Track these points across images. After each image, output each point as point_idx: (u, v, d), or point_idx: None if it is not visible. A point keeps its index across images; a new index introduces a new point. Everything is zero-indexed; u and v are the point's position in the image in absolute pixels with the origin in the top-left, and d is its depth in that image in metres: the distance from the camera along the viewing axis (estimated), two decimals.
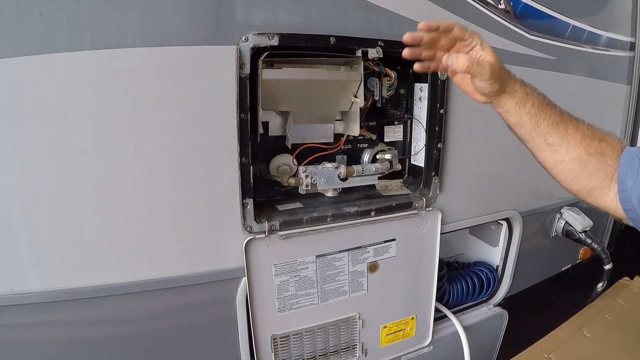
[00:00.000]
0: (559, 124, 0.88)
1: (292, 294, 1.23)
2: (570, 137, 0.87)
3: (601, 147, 0.85)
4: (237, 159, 1.06)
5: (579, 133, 0.87)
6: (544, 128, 0.89)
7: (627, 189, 0.79)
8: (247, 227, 1.12)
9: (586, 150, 0.85)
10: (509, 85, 0.91)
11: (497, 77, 0.89)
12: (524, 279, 1.86)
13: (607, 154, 0.84)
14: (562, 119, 0.89)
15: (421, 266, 1.42)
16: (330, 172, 1.21)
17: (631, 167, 0.79)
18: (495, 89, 0.91)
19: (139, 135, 0.98)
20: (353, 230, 1.26)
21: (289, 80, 1.11)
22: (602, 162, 0.84)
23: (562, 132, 0.88)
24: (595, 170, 0.85)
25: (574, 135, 0.87)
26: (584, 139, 0.86)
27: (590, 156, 0.85)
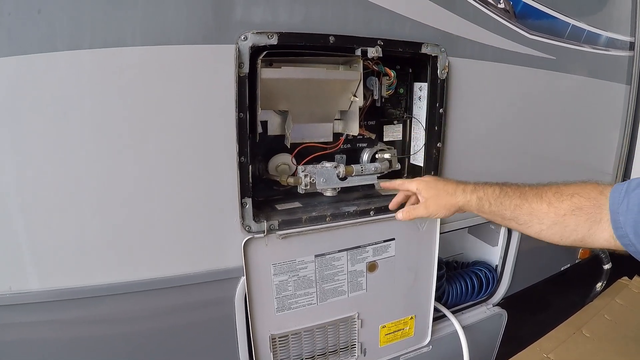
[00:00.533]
0: (521, 206, 0.96)
1: (290, 294, 1.22)
2: (537, 211, 0.94)
3: (573, 203, 0.89)
4: (236, 158, 1.06)
5: (544, 204, 0.93)
6: (509, 215, 0.99)
7: (621, 225, 0.81)
8: (246, 227, 1.12)
9: (557, 214, 0.90)
10: (459, 202, 1.07)
11: (435, 212, 1.09)
12: (523, 278, 1.85)
13: (582, 205, 0.88)
14: (523, 199, 0.97)
15: (420, 266, 1.42)
16: (329, 171, 1.21)
17: (621, 204, 0.81)
18: (442, 216, 1.11)
19: (139, 134, 0.98)
20: (352, 229, 1.26)
21: (288, 79, 1.11)
22: (580, 214, 0.88)
23: (528, 211, 0.95)
24: (576, 225, 0.88)
25: (539, 208, 0.93)
26: (550, 206, 0.92)
27: (565, 216, 0.89)
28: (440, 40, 1.27)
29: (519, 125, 1.60)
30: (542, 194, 0.94)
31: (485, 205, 1.03)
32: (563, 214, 0.89)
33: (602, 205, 0.85)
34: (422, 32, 1.24)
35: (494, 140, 1.52)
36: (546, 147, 1.72)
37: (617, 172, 2.10)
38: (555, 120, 1.72)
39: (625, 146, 2.08)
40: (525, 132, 1.62)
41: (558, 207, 0.90)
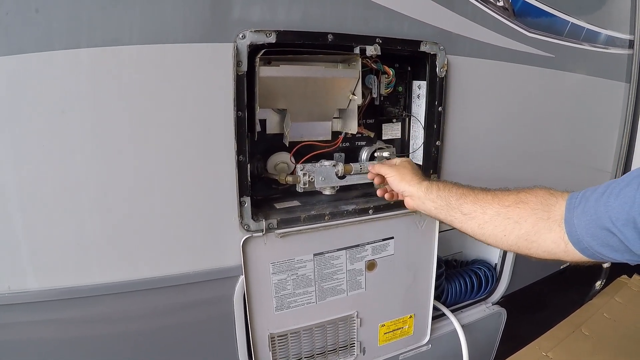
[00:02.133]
0: (467, 194, 1.01)
1: (289, 293, 1.22)
2: (481, 200, 0.97)
3: (519, 197, 0.90)
4: (234, 157, 1.06)
5: (489, 195, 0.97)
6: (454, 202, 1.02)
7: (577, 229, 0.80)
8: (245, 226, 1.11)
9: (501, 204, 0.92)
10: (413, 185, 1.11)
11: (394, 180, 1.14)
12: (522, 277, 1.85)
13: (528, 200, 0.89)
14: (470, 190, 1.02)
15: (419, 264, 1.42)
16: (328, 170, 1.21)
17: (577, 208, 0.81)
18: (396, 187, 1.15)
19: (137, 133, 0.98)
20: (351, 228, 1.26)
21: (286, 77, 1.11)
22: (525, 208, 0.88)
23: (472, 199, 0.99)
24: (519, 217, 0.89)
25: (484, 197, 0.97)
26: (494, 197, 0.95)
27: (509, 207, 0.91)
28: (439, 38, 1.27)
29: (518, 123, 1.60)
30: (490, 190, 0.99)
31: (434, 190, 1.07)
32: (507, 205, 0.91)
33: (550, 204, 0.86)
34: (421, 30, 1.24)
35: (493, 138, 1.52)
36: (545, 145, 1.72)
37: (617, 169, 2.10)
38: (554, 118, 1.72)
39: (625, 144, 2.08)
40: (524, 130, 1.62)
41: (503, 198, 0.93)
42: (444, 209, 1.05)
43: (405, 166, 1.16)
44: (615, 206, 0.73)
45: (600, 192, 0.78)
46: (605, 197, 0.76)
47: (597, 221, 0.76)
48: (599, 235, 0.77)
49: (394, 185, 1.15)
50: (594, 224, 0.77)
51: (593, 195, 0.79)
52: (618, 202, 0.73)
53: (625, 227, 0.72)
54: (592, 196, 0.79)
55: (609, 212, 0.74)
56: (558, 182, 1.73)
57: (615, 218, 0.73)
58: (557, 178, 1.72)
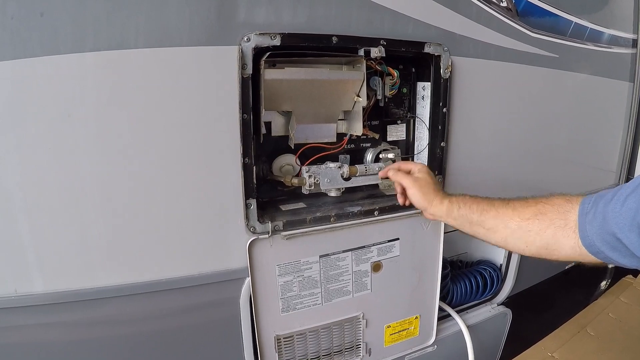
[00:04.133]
0: (488, 210, 1.03)
1: (295, 294, 1.22)
2: (502, 215, 1.00)
3: (537, 209, 0.93)
4: (240, 159, 1.06)
5: (509, 208, 0.99)
6: (476, 219, 1.05)
7: (589, 234, 0.83)
8: (251, 228, 1.11)
9: (522, 217, 0.95)
10: (434, 200, 1.13)
11: (414, 192, 1.15)
12: (527, 277, 1.85)
13: (546, 211, 0.91)
14: (490, 205, 1.04)
15: (425, 265, 1.41)
16: (333, 172, 1.21)
17: (588, 213, 0.84)
18: (416, 202, 1.16)
19: (142, 136, 0.98)
20: (356, 230, 1.26)
21: (291, 80, 1.11)
22: (544, 220, 0.91)
23: (494, 214, 1.01)
24: (539, 229, 0.92)
25: (504, 212, 1.00)
26: (515, 210, 0.98)
27: (529, 220, 0.94)
28: (443, 40, 1.27)
29: (523, 123, 1.59)
30: (509, 201, 1.01)
31: (455, 209, 1.10)
32: (527, 217, 0.94)
33: (566, 211, 0.89)
34: (425, 31, 1.24)
35: (498, 139, 1.52)
36: (550, 145, 1.72)
37: (621, 169, 2.10)
38: (559, 118, 1.72)
39: (629, 143, 2.08)
40: (529, 130, 1.62)
41: (522, 211, 0.96)
42: (467, 226, 1.09)
43: (427, 179, 1.17)
44: (621, 212, 0.75)
45: (609, 198, 0.80)
46: (613, 203, 0.78)
47: (606, 226, 0.79)
48: (608, 240, 0.79)
49: (414, 200, 1.16)
50: (603, 229, 0.79)
51: (602, 201, 0.81)
52: (624, 208, 0.75)
53: (630, 233, 0.73)
54: (601, 201, 0.81)
55: (615, 218, 0.76)
56: (563, 181, 1.76)
57: (621, 224, 0.75)
58: (561, 178, 1.76)
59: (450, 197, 1.12)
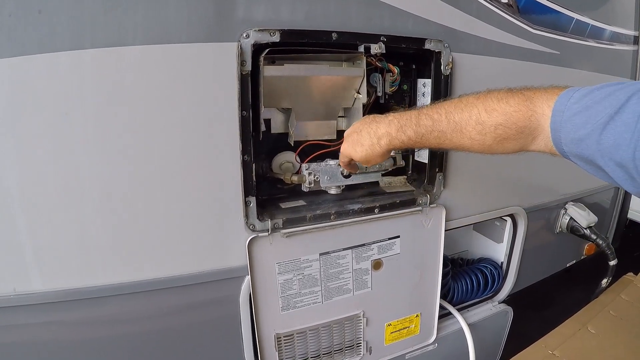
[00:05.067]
0: (443, 144, 0.89)
1: (295, 292, 1.22)
2: (461, 147, 0.88)
3: (497, 135, 0.82)
4: (239, 156, 1.05)
5: (465, 139, 0.86)
6: (435, 148, 0.98)
7: (562, 142, 0.76)
8: (250, 226, 1.11)
9: (483, 145, 0.84)
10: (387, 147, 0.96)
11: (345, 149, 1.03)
12: (528, 275, 1.85)
13: (508, 136, 0.82)
14: (443, 137, 0.88)
15: (426, 263, 1.41)
16: (333, 169, 1.20)
17: (566, 122, 0.75)
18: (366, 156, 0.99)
19: (141, 133, 0.97)
20: (357, 227, 1.25)
21: (291, 76, 1.11)
22: (507, 143, 0.83)
23: (451, 146, 0.89)
24: (504, 149, 0.84)
25: (461, 144, 0.87)
26: (472, 141, 0.85)
27: (491, 146, 0.84)
28: (444, 36, 1.26)
29: None
30: (462, 128, 0.85)
31: (410, 147, 0.96)
32: (489, 144, 0.83)
33: (533, 129, 0.80)
34: (425, 27, 1.23)
35: None
36: None
37: None
38: None
39: None
40: None
41: (481, 140, 0.84)
42: (434, 134, 0.90)
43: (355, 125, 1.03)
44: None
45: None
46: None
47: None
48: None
49: (347, 145, 1.02)
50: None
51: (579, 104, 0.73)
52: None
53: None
54: (578, 104, 0.73)
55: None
56: (562, 178, 1.74)
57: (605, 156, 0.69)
58: (561, 175, 1.74)
59: (400, 131, 0.93)
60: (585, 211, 1.87)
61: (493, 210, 1.56)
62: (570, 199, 1.88)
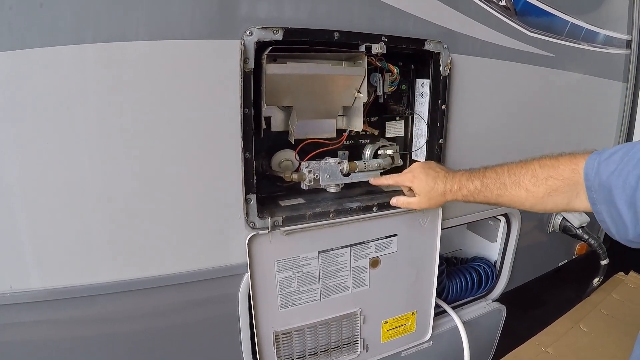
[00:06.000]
0: (502, 195, 1.04)
1: (294, 290, 1.22)
2: (517, 198, 1.02)
3: (548, 186, 0.96)
4: (240, 154, 1.05)
5: (521, 190, 1.00)
6: (494, 202, 1.08)
7: (596, 202, 0.88)
8: (250, 223, 1.11)
9: (535, 198, 0.99)
10: (447, 199, 1.16)
11: (427, 207, 1.19)
12: (521, 274, 1.87)
13: (557, 187, 0.95)
14: (503, 189, 1.04)
15: (422, 261, 1.42)
16: (332, 167, 1.21)
17: (594, 180, 0.87)
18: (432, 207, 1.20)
19: (143, 130, 0.97)
20: (355, 225, 1.26)
21: (293, 75, 1.11)
22: (556, 195, 0.95)
23: (509, 199, 1.04)
24: (554, 203, 0.97)
25: (518, 195, 1.01)
26: (528, 192, 0.99)
27: (542, 198, 0.98)
28: (443, 37, 1.27)
29: (519, 121, 1.60)
30: (520, 181, 1.00)
31: (471, 199, 1.11)
32: (541, 196, 0.97)
33: (576, 183, 0.91)
34: (425, 28, 1.24)
35: (495, 136, 1.53)
36: (544, 143, 1.71)
37: None
38: (554, 117, 1.73)
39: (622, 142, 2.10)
40: (525, 128, 1.63)
41: (535, 192, 0.97)
42: (484, 203, 1.11)
43: (424, 165, 1.20)
44: None
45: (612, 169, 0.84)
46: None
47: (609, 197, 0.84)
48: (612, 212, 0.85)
49: (420, 184, 1.16)
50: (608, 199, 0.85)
51: (603, 165, 0.86)
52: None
53: None
54: (603, 165, 0.86)
55: None
56: None
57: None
58: None
59: (461, 190, 1.12)
60: None
61: (489, 209, 1.58)
62: None
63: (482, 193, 1.07)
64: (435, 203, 1.17)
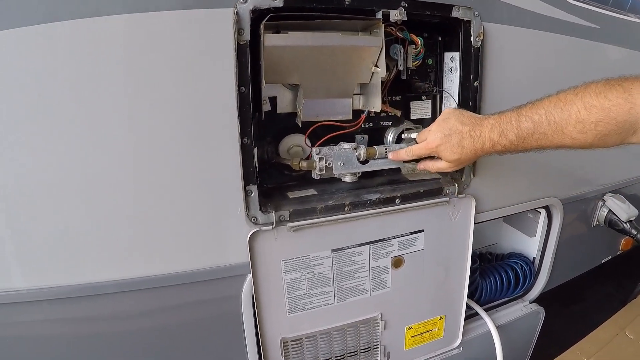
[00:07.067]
0: (545, 145, 0.90)
1: (304, 293, 1.09)
2: (563, 146, 0.89)
3: (598, 132, 0.82)
4: (238, 139, 0.93)
5: (566, 139, 0.86)
6: (535, 149, 0.93)
7: None
8: (252, 218, 0.98)
9: (584, 144, 0.85)
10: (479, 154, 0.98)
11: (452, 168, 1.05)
12: (561, 272, 1.70)
13: (609, 131, 0.81)
14: (544, 139, 0.89)
15: (452, 260, 1.27)
16: (347, 153, 1.06)
17: None
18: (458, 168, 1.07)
19: (126, 116, 0.86)
20: (375, 220, 1.11)
21: (296, 47, 0.95)
22: (608, 138, 0.82)
23: (554, 147, 0.90)
24: (605, 143, 0.84)
25: (563, 143, 0.88)
26: (574, 141, 0.86)
27: (592, 144, 0.85)
28: (474, 3, 1.11)
29: None
30: (563, 129, 0.85)
31: (507, 153, 0.96)
32: (590, 142, 0.84)
33: (633, 122, 0.78)
34: None
35: None
36: None
37: None
38: None
39: None
40: None
41: (582, 139, 0.84)
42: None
43: (448, 143, 0.99)
44: None
45: None
46: None
47: None
48: None
49: (444, 149, 0.99)
50: None
51: None
52: None
53: None
54: None
55: None
56: (600, 166, 1.61)
57: None
58: (599, 163, 1.61)
59: (497, 144, 0.95)
60: (625, 204, 1.70)
61: (528, 201, 1.41)
62: (608, 190, 1.72)
63: (519, 147, 0.92)
64: (467, 163, 1.07)
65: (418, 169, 1.12)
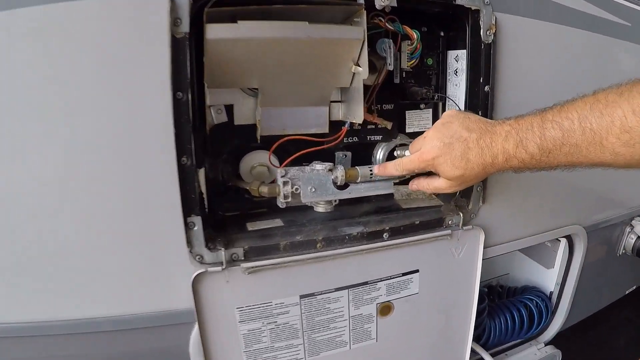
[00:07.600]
0: (579, 164, 0.72)
1: (266, 347, 0.90)
2: (600, 164, 0.70)
3: None
4: (174, 159, 0.73)
5: (607, 153, 0.67)
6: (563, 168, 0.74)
7: None
8: (196, 257, 0.79)
9: (629, 162, 0.67)
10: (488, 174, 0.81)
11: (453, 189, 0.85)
12: (581, 308, 1.52)
13: None
14: (579, 155, 0.70)
15: (454, 304, 1.07)
16: (320, 176, 0.86)
17: None
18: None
19: (39, 127, 0.69)
20: (356, 259, 0.91)
21: (250, 39, 0.74)
22: None
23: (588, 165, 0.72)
24: None
25: (601, 160, 0.69)
26: (617, 156, 0.67)
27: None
28: None
29: None
30: (602, 140, 0.66)
31: (526, 170, 0.77)
32: (637, 159, 0.65)
33: None
34: None
35: None
36: None
37: None
38: None
39: None
40: None
41: (629, 155, 0.65)
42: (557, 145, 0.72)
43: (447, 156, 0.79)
44: None
45: None
46: None
47: None
48: None
49: (445, 167, 0.80)
50: None
51: None
52: None
53: None
54: None
55: None
56: (627, 186, 1.42)
57: None
58: (625, 183, 1.46)
59: (510, 160, 0.76)
60: None
61: (546, 231, 1.21)
62: (637, 214, 1.54)
63: (542, 162, 0.73)
64: (473, 182, 0.85)
65: (410, 189, 0.91)
